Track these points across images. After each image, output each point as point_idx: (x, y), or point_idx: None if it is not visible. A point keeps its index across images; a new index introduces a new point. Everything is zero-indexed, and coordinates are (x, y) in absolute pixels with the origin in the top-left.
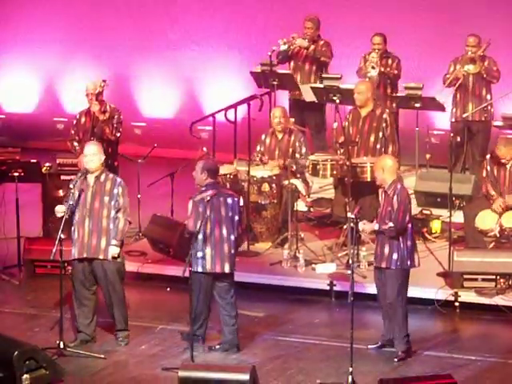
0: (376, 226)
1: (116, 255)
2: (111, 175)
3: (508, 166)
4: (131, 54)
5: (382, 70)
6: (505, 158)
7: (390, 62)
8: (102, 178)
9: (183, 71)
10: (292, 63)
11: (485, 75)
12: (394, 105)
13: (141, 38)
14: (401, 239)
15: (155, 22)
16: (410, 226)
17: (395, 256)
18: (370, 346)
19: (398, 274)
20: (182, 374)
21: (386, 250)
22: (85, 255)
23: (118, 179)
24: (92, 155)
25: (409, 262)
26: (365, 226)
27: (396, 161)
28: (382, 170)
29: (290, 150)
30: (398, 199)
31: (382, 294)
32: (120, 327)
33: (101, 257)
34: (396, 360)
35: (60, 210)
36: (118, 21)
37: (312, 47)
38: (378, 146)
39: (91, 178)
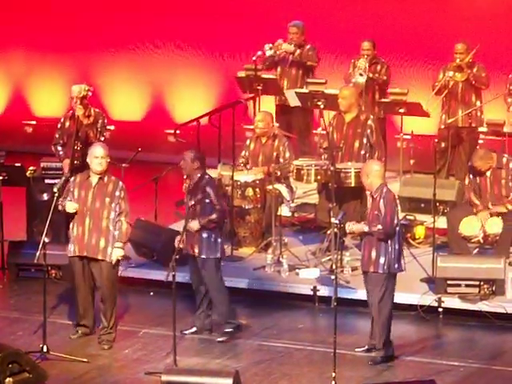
0: (365, 228)
1: (121, 257)
2: (113, 177)
3: (488, 174)
4: (99, 56)
5: (371, 75)
6: (481, 170)
7: (378, 67)
8: (105, 179)
9: (151, 74)
10: (279, 69)
11: (473, 82)
12: (382, 111)
13: (109, 40)
14: (389, 242)
15: (138, 24)
16: (397, 229)
17: (382, 260)
18: (357, 349)
19: (384, 278)
20: (165, 378)
21: (374, 253)
22: (85, 254)
23: (120, 182)
24: (101, 158)
25: (396, 266)
26: (353, 227)
27: (382, 165)
28: (367, 176)
29: (274, 154)
30: (384, 202)
31: (369, 297)
32: (106, 330)
33: (99, 257)
34: (370, 363)
35: (72, 207)
36: (93, 23)
37: (298, 52)
38: (363, 152)
39: (94, 179)
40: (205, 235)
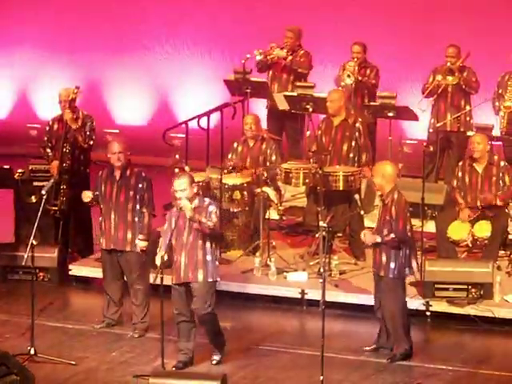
0: (378, 239)
1: (144, 248)
2: (136, 169)
3: (480, 170)
4: (104, 60)
5: (360, 79)
6: (476, 153)
7: (368, 71)
8: (128, 172)
9: (157, 78)
10: (270, 72)
11: (464, 86)
12: (370, 115)
13: (114, 44)
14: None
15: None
16: (409, 234)
17: (393, 265)
18: (365, 348)
19: (395, 283)
20: (152, 381)
21: (384, 258)
22: (112, 246)
23: (143, 174)
24: (119, 153)
25: (406, 271)
26: (366, 237)
27: (395, 168)
28: (382, 177)
29: (261, 157)
30: (396, 209)
31: (378, 300)
32: (141, 319)
33: (127, 249)
34: (388, 361)
35: (86, 196)
36: (92, 27)
37: (289, 58)
38: (351, 155)
39: (117, 173)
40: (209, 258)
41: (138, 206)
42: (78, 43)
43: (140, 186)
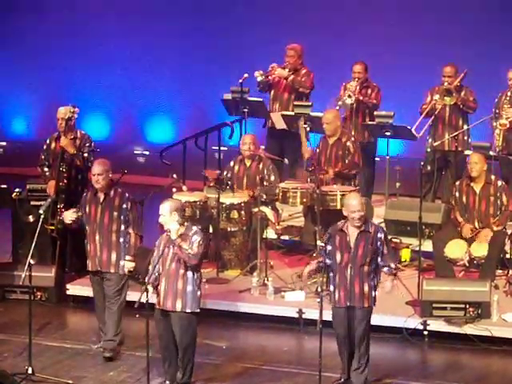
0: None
1: (132, 269)
2: (120, 190)
3: (477, 190)
4: (97, 75)
5: (361, 98)
6: (474, 173)
7: (369, 91)
8: (112, 193)
9: (153, 98)
10: (272, 92)
11: (461, 106)
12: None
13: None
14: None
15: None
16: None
17: (373, 294)
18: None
19: (371, 311)
20: None
21: (366, 288)
22: (97, 268)
23: (127, 194)
24: (98, 175)
25: (385, 269)
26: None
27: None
28: (364, 210)
29: (258, 177)
30: (385, 236)
31: (352, 332)
32: (109, 337)
33: (112, 270)
34: None
35: (68, 217)
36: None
37: (291, 78)
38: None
39: (101, 194)
40: (189, 289)
41: (122, 227)
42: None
43: (124, 206)
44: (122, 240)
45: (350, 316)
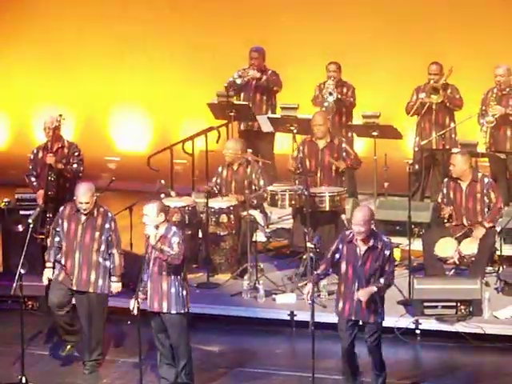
0: (374, 288)
1: (119, 290)
2: (102, 209)
3: (464, 188)
4: (86, 83)
5: (339, 97)
6: (456, 168)
7: (345, 90)
8: (95, 212)
9: (139, 104)
10: (242, 94)
11: (448, 104)
12: (350, 134)
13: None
14: None
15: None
16: None
17: (379, 309)
18: None
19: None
20: None
21: (372, 303)
22: (75, 288)
23: (109, 214)
24: (85, 204)
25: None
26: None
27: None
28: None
29: (246, 181)
30: (390, 252)
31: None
32: (91, 357)
33: (91, 290)
34: None
35: (46, 276)
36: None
37: (264, 77)
38: (341, 177)
39: (83, 214)
40: (173, 290)
41: (102, 247)
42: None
43: (107, 226)
44: (101, 260)
45: (354, 329)
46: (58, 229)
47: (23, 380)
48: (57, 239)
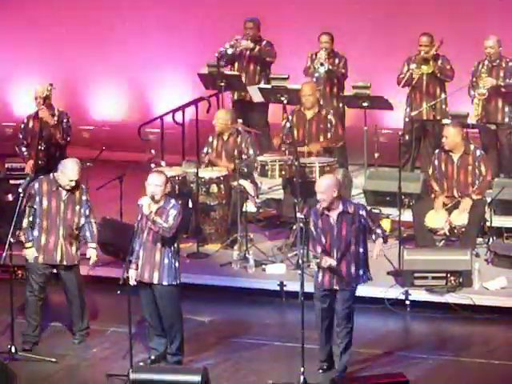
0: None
1: (96, 257)
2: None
3: (455, 160)
4: (79, 56)
5: (330, 68)
6: (448, 140)
7: (337, 61)
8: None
9: (131, 73)
10: (236, 65)
11: (438, 74)
12: (341, 104)
13: (89, 39)
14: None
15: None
16: None
17: (361, 272)
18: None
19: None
20: (133, 376)
21: (353, 269)
22: (64, 263)
23: (83, 186)
24: (75, 173)
25: None
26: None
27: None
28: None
29: (236, 151)
30: (368, 213)
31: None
32: (80, 327)
33: (75, 262)
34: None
35: (31, 256)
36: (66, 23)
37: (257, 48)
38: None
39: (63, 190)
40: (166, 261)
41: (83, 220)
42: (51, 39)
43: (84, 198)
44: (78, 232)
45: (332, 298)
46: (35, 206)
47: (13, 349)
48: (31, 218)
